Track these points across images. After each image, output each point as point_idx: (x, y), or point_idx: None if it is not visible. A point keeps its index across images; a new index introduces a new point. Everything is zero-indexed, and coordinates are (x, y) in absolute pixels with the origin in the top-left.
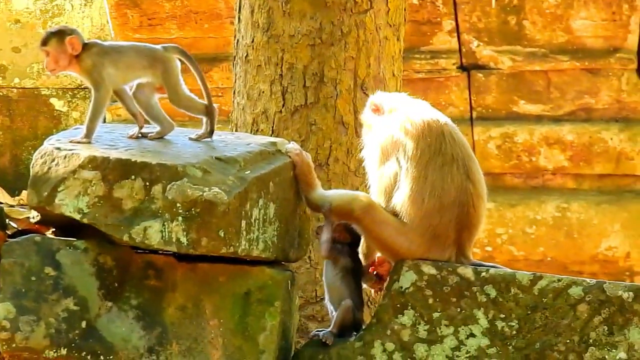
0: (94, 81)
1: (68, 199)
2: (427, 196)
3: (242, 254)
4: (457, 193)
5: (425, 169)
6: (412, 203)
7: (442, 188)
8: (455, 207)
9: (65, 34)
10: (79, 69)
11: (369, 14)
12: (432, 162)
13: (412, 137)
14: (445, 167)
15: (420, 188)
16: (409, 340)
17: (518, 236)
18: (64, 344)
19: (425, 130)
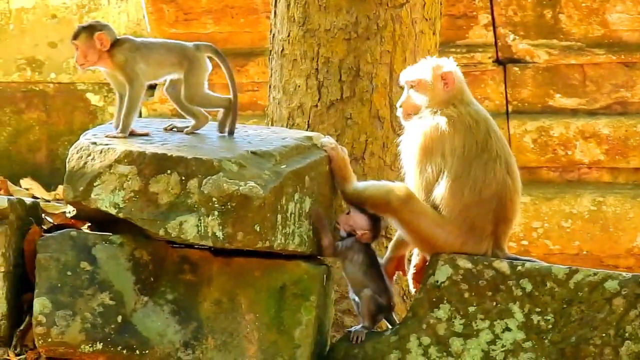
0: (128, 76)
1: (104, 194)
2: (468, 190)
3: (278, 248)
4: (497, 187)
5: (470, 165)
6: (452, 196)
7: (483, 182)
8: (494, 200)
9: (95, 29)
10: (111, 65)
11: (405, 7)
12: (478, 158)
13: (460, 132)
14: (490, 163)
15: (462, 182)
16: (444, 334)
17: (554, 230)
18: (100, 339)
19: (473, 126)
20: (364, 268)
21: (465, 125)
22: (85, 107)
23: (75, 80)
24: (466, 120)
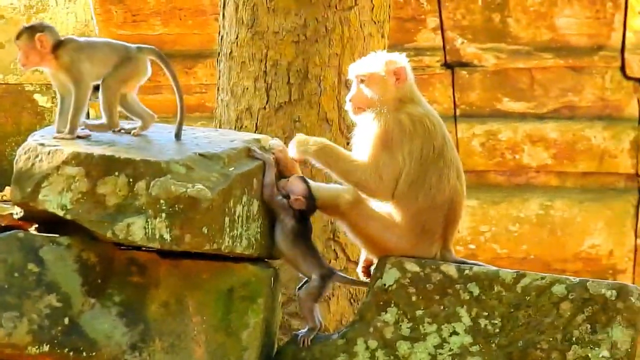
0: (74, 77)
1: (52, 195)
2: (423, 195)
3: (226, 250)
4: (449, 193)
5: (426, 170)
6: (407, 200)
7: (437, 189)
8: (446, 205)
9: (36, 30)
10: (55, 65)
11: (354, 10)
12: (434, 164)
13: (420, 135)
14: (444, 170)
15: (417, 187)
16: (391, 337)
17: (501, 234)
18: (47, 340)
19: (431, 130)
20: (291, 237)
21: (425, 128)
22: (33, 108)
23: (23, 81)
24: (426, 122)
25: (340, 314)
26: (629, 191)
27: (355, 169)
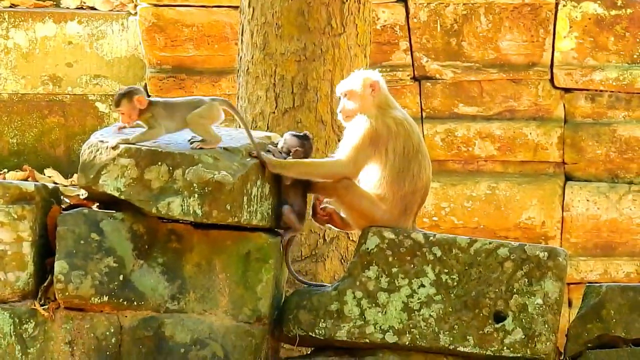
0: (150, 124)
1: (109, 180)
2: (408, 182)
3: (244, 223)
4: (426, 179)
5: (409, 162)
6: (396, 185)
7: (419, 176)
8: (423, 189)
9: (133, 94)
10: (138, 119)
11: (342, 36)
12: (415, 158)
13: (401, 136)
14: (422, 162)
15: (403, 175)
16: (373, 289)
17: (458, 209)
18: (106, 293)
19: (410, 131)
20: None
21: (405, 129)
22: (95, 113)
23: (87, 92)
24: (405, 124)
25: (333, 272)
26: (557, 176)
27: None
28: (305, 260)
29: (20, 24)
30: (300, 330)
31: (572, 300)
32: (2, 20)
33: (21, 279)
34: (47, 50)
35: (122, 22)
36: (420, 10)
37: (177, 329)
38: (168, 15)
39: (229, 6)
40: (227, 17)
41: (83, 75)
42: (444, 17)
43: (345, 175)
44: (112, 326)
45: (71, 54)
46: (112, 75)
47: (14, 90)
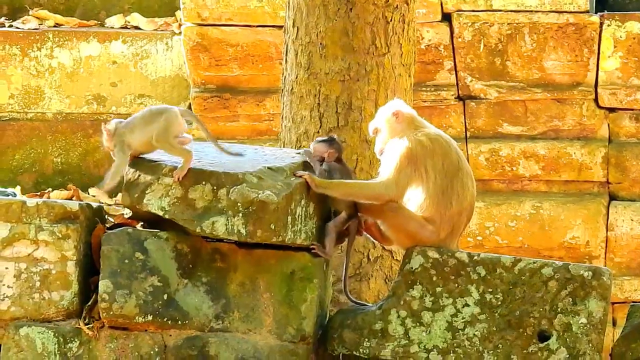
0: (115, 156)
1: (153, 200)
2: (454, 201)
3: (288, 242)
4: (470, 198)
5: (451, 181)
6: (441, 206)
7: (464, 196)
8: (469, 208)
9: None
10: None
11: (387, 56)
12: (456, 176)
13: (438, 153)
14: (465, 180)
15: (448, 195)
16: (417, 308)
17: (502, 228)
18: (150, 312)
19: (448, 148)
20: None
21: (441, 145)
22: None
23: (131, 112)
24: (440, 141)
25: (377, 291)
26: (601, 195)
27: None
28: (349, 279)
29: (64, 43)
30: (344, 349)
31: (616, 319)
32: (47, 39)
33: (65, 298)
34: (91, 69)
35: (166, 42)
36: (465, 29)
37: (221, 348)
38: (212, 35)
39: (273, 26)
40: (271, 37)
41: (127, 94)
42: (488, 36)
43: (389, 197)
44: (157, 345)
45: (115, 74)
46: (156, 95)
47: (58, 110)
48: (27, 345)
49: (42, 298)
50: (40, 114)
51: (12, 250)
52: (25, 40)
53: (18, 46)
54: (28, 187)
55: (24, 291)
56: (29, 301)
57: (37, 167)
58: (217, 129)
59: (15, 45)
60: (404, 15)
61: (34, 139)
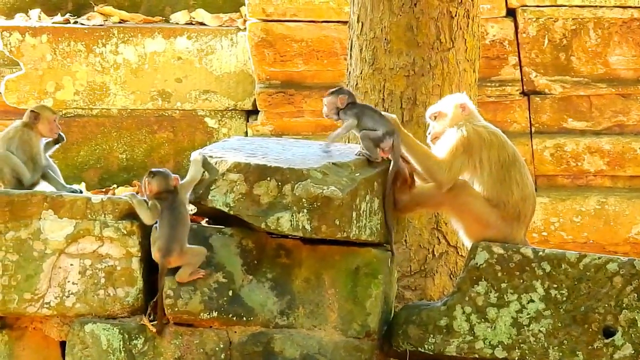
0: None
1: (218, 196)
2: (514, 189)
3: (353, 238)
4: (530, 188)
5: (509, 171)
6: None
7: (524, 183)
8: (532, 196)
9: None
10: None
11: (451, 51)
12: (513, 166)
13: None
14: (523, 170)
15: (507, 184)
16: (482, 304)
17: (567, 224)
18: (215, 308)
19: (504, 142)
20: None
21: (498, 138)
22: (204, 128)
23: (196, 107)
24: (498, 134)
25: (442, 287)
26: None
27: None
28: (414, 275)
29: (129, 39)
30: (409, 345)
31: None
32: (112, 36)
33: (130, 295)
34: (156, 65)
35: (231, 38)
36: (529, 25)
37: (286, 345)
38: (277, 31)
39: (338, 21)
40: (336, 32)
41: (192, 90)
42: (552, 32)
43: (440, 178)
44: (222, 342)
45: (180, 70)
46: (221, 90)
47: (123, 106)
48: (92, 341)
49: (107, 294)
50: (105, 110)
51: (77, 247)
52: (90, 36)
53: (83, 42)
54: (93, 184)
55: (89, 288)
56: (94, 298)
57: (102, 164)
58: (282, 125)
59: (80, 41)
60: (468, 10)
61: (99, 135)
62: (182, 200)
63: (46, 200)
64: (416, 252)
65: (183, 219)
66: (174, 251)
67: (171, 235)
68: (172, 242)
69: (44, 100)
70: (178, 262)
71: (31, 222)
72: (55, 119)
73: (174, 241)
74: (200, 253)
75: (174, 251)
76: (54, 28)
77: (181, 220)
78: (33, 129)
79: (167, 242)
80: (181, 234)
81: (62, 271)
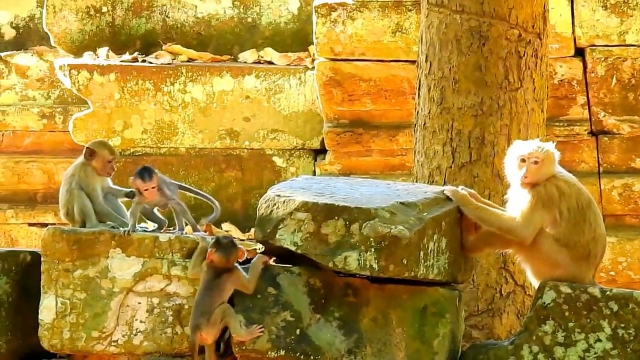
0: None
1: (286, 235)
2: (587, 230)
3: (421, 277)
4: (601, 229)
5: (584, 214)
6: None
7: (596, 224)
8: (602, 238)
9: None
10: None
11: (520, 91)
12: (588, 209)
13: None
14: (596, 212)
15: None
16: (549, 344)
17: (635, 263)
18: (283, 347)
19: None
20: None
21: (577, 187)
22: (272, 167)
23: (264, 147)
24: (576, 183)
25: (509, 326)
26: None
27: (506, 221)
28: (482, 314)
29: (197, 78)
30: None
31: None
32: (180, 74)
33: None
34: (224, 104)
35: (299, 77)
36: (598, 64)
37: None
38: (345, 70)
39: (406, 60)
40: (404, 72)
41: (260, 129)
42: (621, 71)
43: (521, 235)
44: None
45: (248, 108)
46: (289, 129)
47: (191, 145)
48: None
49: (174, 333)
50: (173, 149)
51: (145, 285)
52: (159, 75)
53: (151, 81)
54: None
55: (156, 326)
56: (162, 336)
57: None
58: (350, 164)
59: (148, 80)
60: (536, 50)
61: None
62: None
63: (114, 238)
64: (484, 291)
65: (214, 299)
66: (202, 325)
67: (197, 311)
68: (197, 318)
69: (111, 139)
70: (210, 334)
71: (99, 260)
72: (112, 159)
73: (200, 316)
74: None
75: (202, 325)
76: (122, 66)
77: (210, 298)
78: (90, 166)
79: (194, 318)
80: (208, 308)
81: (130, 309)
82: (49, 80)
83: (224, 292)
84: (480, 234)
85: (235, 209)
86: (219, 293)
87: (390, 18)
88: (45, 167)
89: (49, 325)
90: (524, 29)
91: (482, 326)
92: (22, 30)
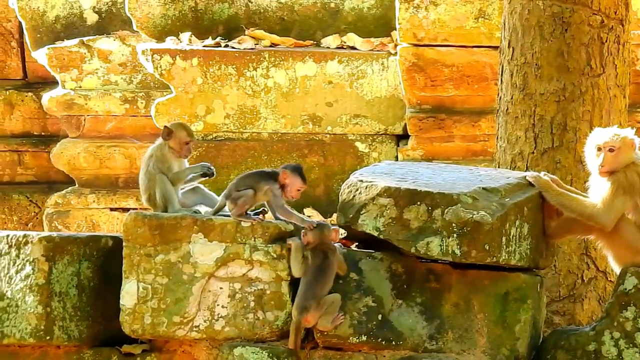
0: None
1: (368, 220)
2: None
3: (502, 263)
4: None
5: None
6: None
7: None
8: None
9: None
10: None
11: (602, 77)
12: None
13: None
14: None
15: None
16: (631, 330)
17: None
18: (364, 333)
19: None
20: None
21: None
22: (354, 152)
23: (346, 132)
24: None
25: (591, 312)
26: None
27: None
28: (563, 300)
29: (280, 63)
30: None
31: None
32: (263, 59)
33: (280, 318)
34: (307, 89)
35: (382, 62)
36: None
37: None
38: (428, 55)
39: (488, 46)
40: (486, 57)
41: (343, 114)
42: None
43: (602, 222)
44: None
45: (331, 94)
46: (371, 115)
47: (274, 130)
48: None
49: (256, 318)
50: (256, 134)
51: (227, 271)
52: (241, 60)
53: (234, 66)
54: None
55: (238, 311)
56: (243, 321)
57: None
58: (432, 150)
59: (231, 65)
60: (619, 36)
61: (249, 159)
62: (333, 261)
63: (196, 223)
64: (565, 277)
65: (327, 280)
66: (310, 308)
67: (309, 292)
68: (308, 300)
69: (194, 124)
70: (315, 318)
71: (181, 245)
72: (189, 141)
73: (312, 298)
74: (336, 300)
75: (311, 308)
76: (205, 51)
77: (323, 281)
78: (167, 146)
79: (304, 299)
80: (320, 292)
81: (212, 295)
82: (131, 64)
83: (330, 273)
84: (561, 220)
85: (318, 194)
86: (331, 274)
87: (473, 4)
88: (127, 152)
89: (130, 311)
90: (606, 15)
91: (563, 312)
92: (105, 15)
